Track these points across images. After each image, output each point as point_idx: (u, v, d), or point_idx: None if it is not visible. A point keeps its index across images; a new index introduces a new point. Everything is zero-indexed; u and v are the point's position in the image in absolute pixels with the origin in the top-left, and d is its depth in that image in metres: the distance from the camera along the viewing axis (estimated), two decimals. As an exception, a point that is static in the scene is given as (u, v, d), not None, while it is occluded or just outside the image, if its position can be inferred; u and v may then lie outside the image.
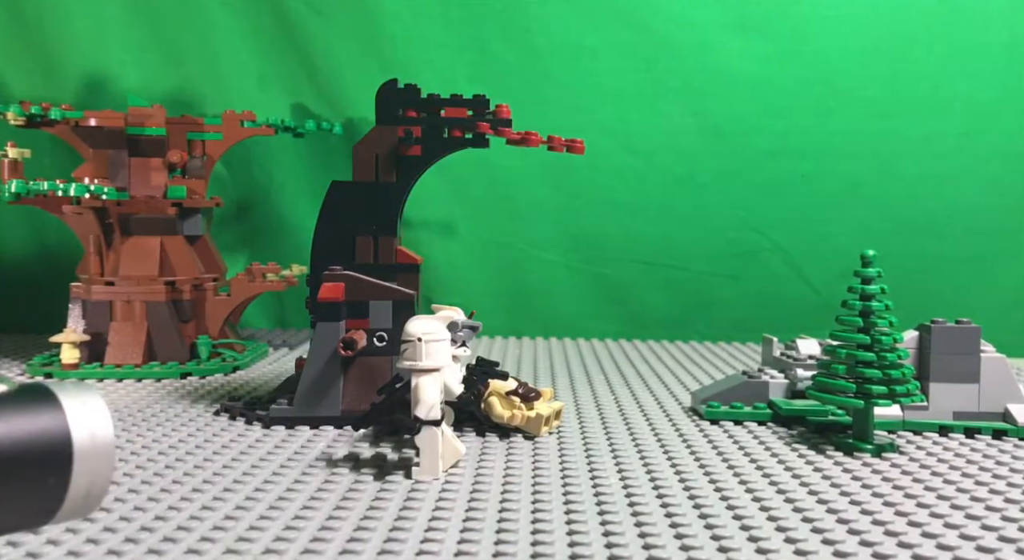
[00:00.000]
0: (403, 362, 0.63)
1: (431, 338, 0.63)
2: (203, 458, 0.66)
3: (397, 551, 0.48)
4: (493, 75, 1.31)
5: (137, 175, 1.05)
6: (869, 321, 0.71)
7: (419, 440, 0.62)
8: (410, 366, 0.63)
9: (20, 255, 1.33)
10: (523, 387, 0.74)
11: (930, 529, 0.53)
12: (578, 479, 0.62)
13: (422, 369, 0.63)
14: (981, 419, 0.77)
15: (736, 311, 1.37)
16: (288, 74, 1.32)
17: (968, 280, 1.34)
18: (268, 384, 0.96)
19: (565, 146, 0.82)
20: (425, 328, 0.63)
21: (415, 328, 0.63)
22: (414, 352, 0.63)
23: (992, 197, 1.33)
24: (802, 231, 1.35)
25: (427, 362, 0.63)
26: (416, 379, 0.63)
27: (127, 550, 0.48)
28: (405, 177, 0.82)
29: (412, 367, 0.63)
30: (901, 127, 1.32)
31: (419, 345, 0.62)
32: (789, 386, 0.83)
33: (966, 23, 1.30)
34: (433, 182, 1.19)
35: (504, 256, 1.37)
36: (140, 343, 1.00)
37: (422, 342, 0.62)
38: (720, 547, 0.50)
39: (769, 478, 0.63)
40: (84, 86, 1.29)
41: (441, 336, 0.64)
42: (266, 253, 1.33)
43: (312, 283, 0.80)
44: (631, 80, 1.32)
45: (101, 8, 1.28)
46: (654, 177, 1.34)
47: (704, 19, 1.31)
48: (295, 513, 0.55)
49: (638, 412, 0.85)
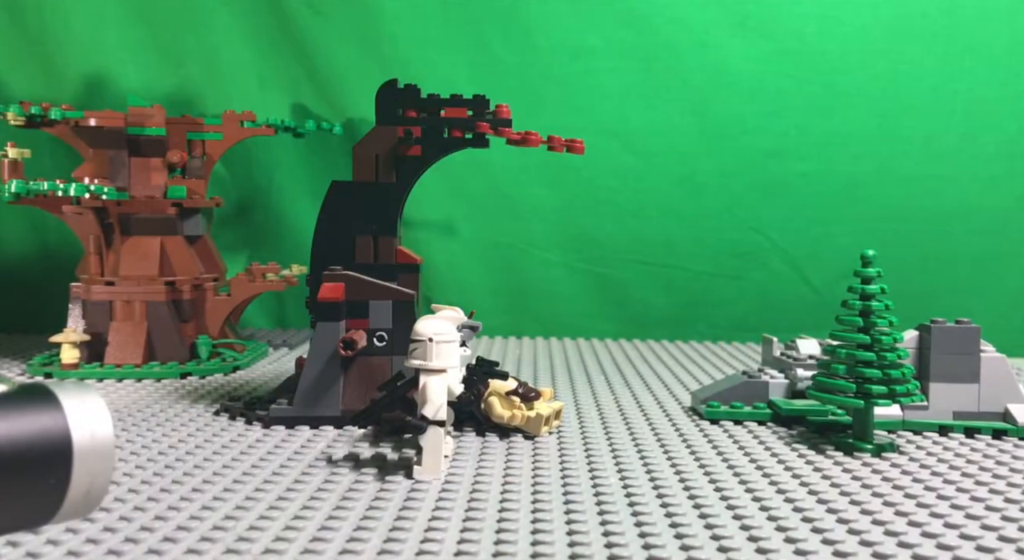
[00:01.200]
0: (412, 361, 0.63)
1: (442, 339, 0.63)
2: (203, 458, 0.66)
3: (397, 551, 0.48)
4: (493, 75, 1.31)
5: (137, 175, 1.05)
6: (869, 321, 0.71)
7: (423, 439, 0.62)
8: (420, 366, 0.63)
9: (20, 255, 1.33)
10: (523, 387, 0.74)
11: (930, 529, 0.53)
12: (578, 479, 0.62)
13: (431, 369, 0.63)
14: (981, 419, 0.78)
15: (736, 311, 1.37)
16: (288, 74, 1.32)
17: (968, 280, 1.34)
18: (268, 384, 0.96)
19: (565, 146, 0.82)
20: (437, 329, 0.63)
21: (427, 328, 0.63)
22: (424, 352, 0.63)
23: (992, 197, 1.33)
24: (802, 231, 1.35)
25: (437, 362, 0.63)
26: (424, 379, 0.63)
27: (127, 550, 0.48)
28: (405, 177, 0.82)
29: (422, 366, 0.63)
30: (901, 127, 1.32)
31: (430, 345, 0.63)
32: (789, 386, 0.83)
33: (966, 23, 1.30)
34: (433, 182, 1.19)
35: (504, 256, 1.36)
36: (140, 343, 1.00)
37: (433, 342, 0.63)
38: (720, 547, 0.50)
39: (769, 478, 0.63)
40: (84, 86, 1.29)
41: (451, 337, 0.64)
42: (266, 253, 1.33)
43: (312, 283, 0.80)
44: (631, 80, 1.32)
45: (101, 8, 1.28)
46: (654, 177, 1.34)
47: (704, 19, 1.31)
48: (295, 513, 0.55)
49: (638, 412, 0.85)
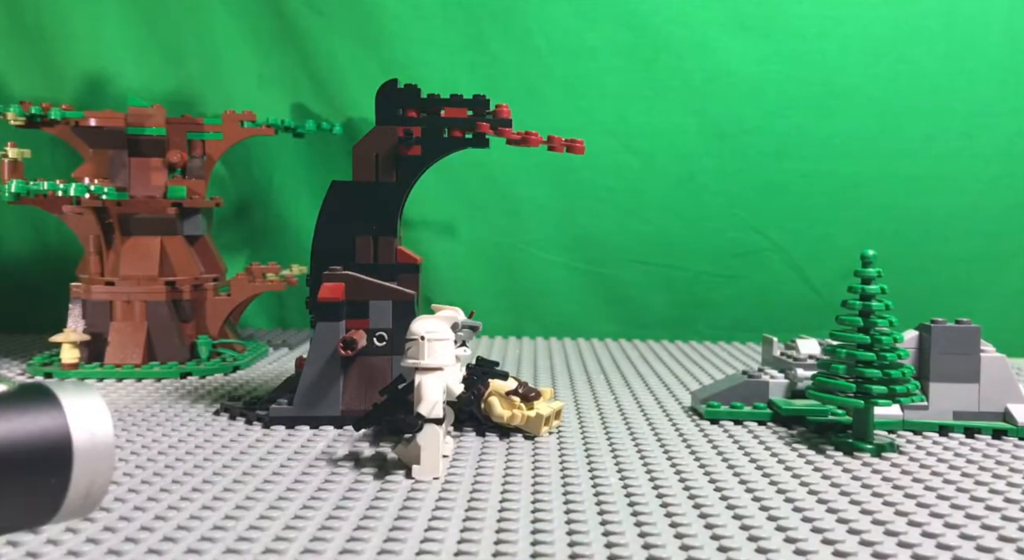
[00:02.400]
0: (407, 361, 0.64)
1: (434, 337, 0.64)
2: (203, 458, 0.66)
3: (397, 551, 0.48)
4: (493, 75, 1.31)
5: (137, 175, 1.05)
6: (869, 321, 0.71)
7: (421, 438, 0.62)
8: (413, 364, 0.63)
9: (20, 255, 1.33)
10: (523, 387, 0.74)
11: (930, 529, 0.53)
12: (578, 479, 0.62)
13: (425, 367, 0.63)
14: (981, 419, 0.78)
15: (736, 311, 1.37)
16: (288, 74, 1.32)
17: (968, 280, 1.34)
18: (268, 384, 0.96)
19: (565, 146, 0.82)
20: (429, 327, 0.64)
21: (419, 327, 0.64)
22: (417, 350, 0.63)
23: (992, 197, 1.33)
24: (802, 231, 1.35)
25: (430, 360, 0.63)
26: (419, 377, 0.63)
27: (127, 550, 0.48)
28: (405, 177, 0.82)
29: (416, 365, 0.63)
30: (901, 127, 1.32)
31: (423, 343, 0.63)
32: (789, 386, 0.83)
33: (966, 23, 1.30)
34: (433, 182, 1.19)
35: (504, 256, 1.36)
36: (140, 343, 1.00)
37: (425, 340, 0.63)
38: (720, 547, 0.50)
39: (769, 478, 0.63)
40: (84, 86, 1.29)
41: (444, 335, 0.64)
42: (266, 253, 1.33)
43: (312, 283, 0.80)
44: (631, 80, 1.32)
45: (101, 8, 1.28)
46: (654, 177, 1.34)
47: (704, 19, 1.31)
48: (295, 513, 0.55)
49: (638, 412, 0.85)
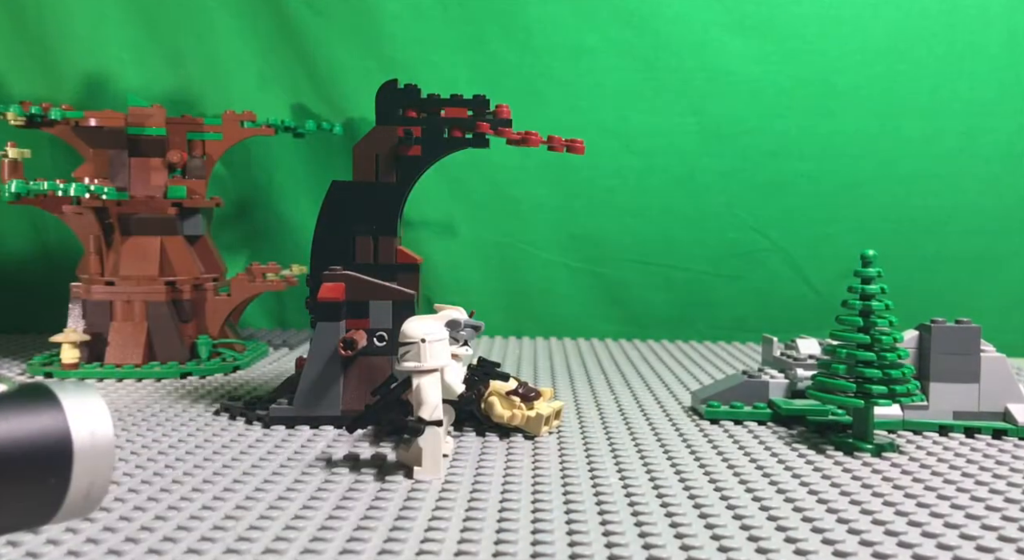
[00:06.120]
0: (405, 364, 0.63)
1: (433, 339, 0.63)
2: (203, 458, 0.66)
3: (397, 551, 0.48)
4: (493, 75, 1.31)
5: (137, 175, 1.05)
6: (869, 321, 0.71)
7: (422, 440, 0.62)
8: (414, 368, 0.62)
9: (20, 255, 1.33)
10: (523, 387, 0.74)
11: (930, 529, 0.53)
12: (578, 479, 0.62)
13: (425, 370, 0.63)
14: (981, 419, 0.78)
15: (736, 311, 1.37)
16: (288, 74, 1.32)
17: (968, 280, 1.34)
18: (268, 384, 0.96)
19: (565, 146, 0.82)
20: (427, 329, 0.63)
21: (417, 330, 0.63)
22: (417, 353, 0.62)
23: (992, 197, 1.33)
24: (802, 231, 1.35)
25: (430, 363, 0.62)
26: (418, 380, 0.62)
27: (127, 550, 0.48)
28: (405, 177, 0.82)
29: (416, 369, 0.62)
30: (901, 127, 1.32)
31: (423, 346, 0.62)
32: (789, 386, 0.83)
33: (966, 23, 1.30)
34: (433, 182, 1.19)
35: (504, 256, 1.36)
36: (140, 343, 1.00)
37: (425, 343, 0.62)
38: (720, 547, 0.50)
39: (769, 478, 0.63)
40: (84, 86, 1.29)
41: (441, 335, 0.64)
42: (266, 253, 1.33)
43: (312, 283, 0.80)
44: (631, 80, 1.32)
45: (101, 8, 1.28)
46: (654, 177, 1.34)
47: (704, 19, 1.31)
48: (295, 513, 0.55)
49: (638, 412, 0.85)
